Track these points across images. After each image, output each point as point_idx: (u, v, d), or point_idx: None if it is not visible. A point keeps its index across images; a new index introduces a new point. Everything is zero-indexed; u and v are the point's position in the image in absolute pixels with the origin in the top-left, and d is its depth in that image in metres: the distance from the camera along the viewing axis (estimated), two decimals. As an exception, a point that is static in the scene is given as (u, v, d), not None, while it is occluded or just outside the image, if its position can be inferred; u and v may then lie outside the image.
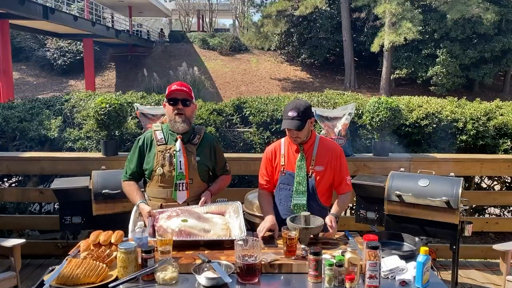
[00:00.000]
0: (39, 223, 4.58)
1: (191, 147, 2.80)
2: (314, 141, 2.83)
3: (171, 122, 2.76)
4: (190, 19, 41.72)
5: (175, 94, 2.73)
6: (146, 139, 2.82)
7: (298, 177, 2.78)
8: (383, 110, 4.05)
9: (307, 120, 2.73)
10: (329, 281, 2.02)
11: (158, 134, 2.80)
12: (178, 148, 2.74)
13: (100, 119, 4.02)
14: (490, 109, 4.87)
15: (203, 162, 2.84)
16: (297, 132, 2.71)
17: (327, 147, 2.85)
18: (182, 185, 2.74)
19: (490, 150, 4.67)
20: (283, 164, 2.83)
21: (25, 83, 26.79)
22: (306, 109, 2.74)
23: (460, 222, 3.09)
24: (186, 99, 2.75)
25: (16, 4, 14.50)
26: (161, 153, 2.76)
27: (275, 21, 27.39)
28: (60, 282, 2.04)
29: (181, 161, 2.73)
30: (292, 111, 2.70)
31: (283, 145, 2.87)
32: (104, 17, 27.06)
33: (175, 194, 2.74)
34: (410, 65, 24.72)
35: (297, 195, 2.78)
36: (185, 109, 2.75)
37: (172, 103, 2.74)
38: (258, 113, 4.72)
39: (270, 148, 2.93)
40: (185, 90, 2.75)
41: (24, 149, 4.62)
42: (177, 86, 2.76)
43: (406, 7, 22.59)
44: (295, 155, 2.81)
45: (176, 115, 2.74)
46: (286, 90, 25.83)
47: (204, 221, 2.51)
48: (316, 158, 2.80)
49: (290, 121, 2.69)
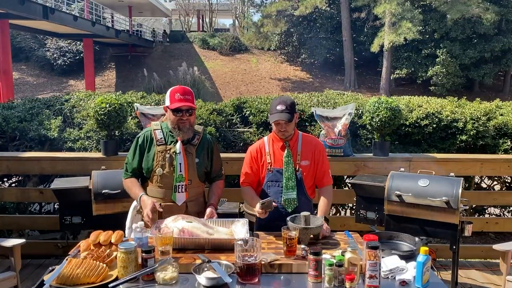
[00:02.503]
0: (39, 223, 4.58)
1: (190, 148, 2.79)
2: (297, 137, 2.92)
3: (175, 130, 2.73)
4: (190, 19, 41.73)
5: (180, 106, 2.67)
6: (145, 137, 2.80)
7: (287, 173, 2.85)
8: (383, 110, 4.05)
9: (294, 114, 2.82)
10: (329, 281, 2.02)
11: (157, 134, 2.79)
12: (178, 150, 2.73)
13: (100, 119, 4.02)
14: (490, 109, 4.87)
15: (202, 163, 2.84)
16: (286, 125, 2.78)
17: (309, 141, 2.95)
18: (182, 187, 2.74)
19: (490, 150, 4.67)
20: (270, 162, 2.88)
21: (25, 83, 26.80)
22: (293, 103, 2.85)
23: (460, 222, 3.09)
24: (190, 109, 2.71)
25: (16, 4, 14.51)
26: (160, 153, 2.75)
27: (275, 21, 27.43)
28: (60, 282, 2.04)
29: (181, 164, 2.72)
30: (280, 105, 2.79)
31: (267, 143, 2.93)
32: (104, 17, 27.04)
33: (174, 196, 2.74)
34: (410, 65, 24.74)
35: (287, 190, 2.85)
36: (189, 118, 2.72)
37: (176, 113, 2.70)
38: (258, 113, 4.72)
39: (254, 147, 2.97)
40: (190, 99, 2.71)
41: (24, 149, 4.62)
42: (181, 95, 2.69)
43: (406, 7, 22.61)
44: (281, 152, 2.87)
45: (180, 123, 2.71)
46: (286, 90, 25.84)
47: (209, 228, 2.51)
48: (301, 153, 2.88)
49: (279, 113, 2.77)
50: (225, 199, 3.78)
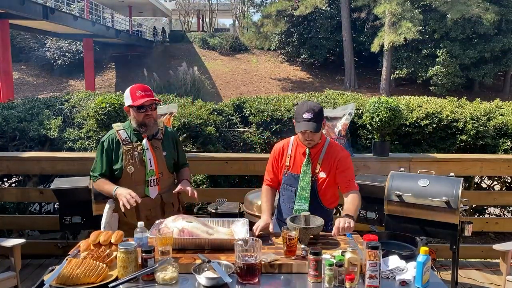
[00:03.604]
0: (39, 223, 4.58)
1: (156, 143, 2.87)
2: (322, 145, 2.76)
3: (141, 127, 2.80)
4: (190, 19, 41.71)
5: (143, 102, 2.75)
6: (110, 140, 2.85)
7: (303, 182, 2.74)
8: (383, 110, 4.05)
9: (321, 122, 2.67)
10: (329, 281, 2.02)
11: (122, 134, 2.85)
12: (146, 146, 2.81)
13: (100, 119, 4.02)
14: (490, 109, 4.87)
15: (170, 155, 2.93)
16: (313, 134, 2.65)
17: (334, 152, 2.77)
18: (154, 181, 2.84)
19: (490, 150, 4.67)
20: (288, 165, 2.80)
21: (25, 83, 26.80)
22: (321, 110, 2.67)
23: (460, 222, 3.09)
24: (153, 103, 2.80)
25: (16, 4, 14.52)
26: (128, 152, 2.81)
27: (275, 21, 27.39)
28: (60, 282, 2.04)
29: (150, 159, 2.81)
30: (307, 113, 2.61)
31: (291, 145, 2.83)
32: (104, 17, 27.07)
33: (147, 190, 2.83)
34: (410, 65, 24.73)
35: (299, 200, 2.75)
36: (153, 112, 2.81)
37: (140, 110, 2.77)
38: (258, 113, 4.72)
39: (278, 146, 2.88)
40: (150, 94, 2.80)
41: (24, 149, 4.62)
42: (142, 92, 2.77)
43: (406, 7, 22.60)
44: (302, 158, 2.76)
45: (146, 119, 2.78)
46: (286, 90, 25.84)
47: (209, 227, 2.51)
48: (322, 163, 2.74)
49: (306, 123, 2.60)
50: (225, 199, 3.78)
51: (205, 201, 4.48)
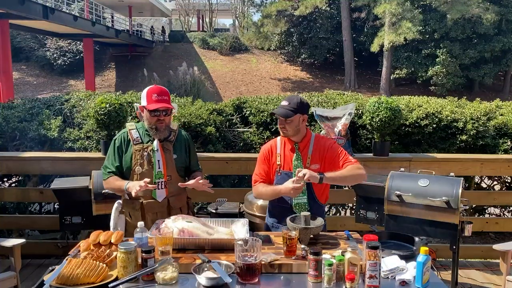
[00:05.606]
0: (39, 223, 4.58)
1: (167, 145, 2.83)
2: (309, 140, 2.81)
3: (152, 130, 2.77)
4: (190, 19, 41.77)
5: (158, 107, 2.71)
6: (122, 139, 2.84)
7: None
8: (383, 110, 4.05)
9: (297, 113, 2.71)
10: (329, 281, 2.02)
11: (133, 133, 2.83)
12: (156, 147, 2.77)
13: (100, 119, 4.02)
14: (490, 109, 4.87)
15: (180, 158, 2.87)
16: (284, 121, 2.71)
17: (322, 144, 2.81)
18: (161, 184, 2.78)
19: (490, 150, 4.67)
20: (280, 164, 2.81)
21: (25, 83, 26.79)
22: (299, 104, 2.74)
23: (460, 222, 3.09)
24: (167, 109, 2.76)
25: (16, 4, 14.52)
26: (138, 152, 2.78)
27: (275, 21, 27.42)
28: (60, 282, 2.04)
29: (159, 161, 2.76)
30: (285, 101, 2.78)
31: (279, 144, 2.86)
32: (104, 17, 27.08)
33: (154, 193, 2.78)
34: (410, 65, 24.74)
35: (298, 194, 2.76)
36: (166, 118, 2.77)
37: (153, 114, 2.73)
38: (258, 113, 4.72)
39: (266, 147, 2.90)
40: (166, 99, 2.76)
41: (24, 149, 4.62)
42: (158, 96, 2.72)
43: (406, 7, 22.61)
44: (291, 154, 2.79)
45: (158, 124, 2.75)
46: (286, 90, 25.85)
47: (209, 228, 2.51)
48: (312, 156, 2.78)
49: (279, 108, 2.76)
50: (225, 199, 3.78)
51: (205, 201, 4.48)
